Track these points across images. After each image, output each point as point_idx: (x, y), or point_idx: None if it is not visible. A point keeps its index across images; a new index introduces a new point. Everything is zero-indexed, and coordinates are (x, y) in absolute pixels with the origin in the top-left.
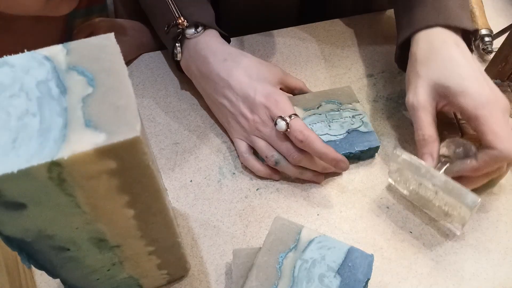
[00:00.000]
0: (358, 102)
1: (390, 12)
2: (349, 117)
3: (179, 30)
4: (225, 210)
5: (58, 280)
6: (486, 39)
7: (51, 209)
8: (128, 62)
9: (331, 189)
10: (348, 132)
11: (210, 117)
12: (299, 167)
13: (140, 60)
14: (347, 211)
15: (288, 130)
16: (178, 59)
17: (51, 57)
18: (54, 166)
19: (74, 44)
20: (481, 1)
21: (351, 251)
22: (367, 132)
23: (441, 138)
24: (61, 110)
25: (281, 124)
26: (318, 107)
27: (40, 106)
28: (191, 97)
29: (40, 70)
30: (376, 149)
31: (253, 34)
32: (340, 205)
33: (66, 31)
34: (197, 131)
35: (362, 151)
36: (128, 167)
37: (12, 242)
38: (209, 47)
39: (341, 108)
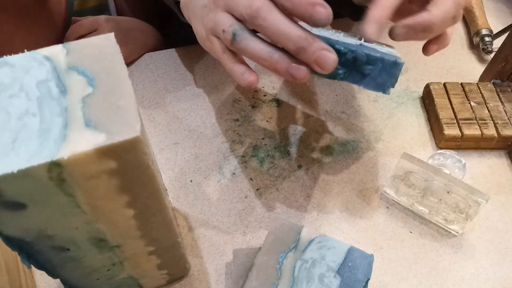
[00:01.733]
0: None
1: None
2: (373, 45)
3: None
4: (225, 210)
5: (58, 280)
6: (486, 39)
7: (51, 209)
8: (130, 62)
9: (331, 189)
10: (361, 45)
11: (210, 117)
12: (267, 44)
13: (140, 60)
14: (347, 211)
15: None
16: None
17: (51, 57)
18: (54, 166)
19: (74, 44)
20: (481, 1)
21: (351, 251)
22: (387, 53)
23: None
24: (61, 110)
25: None
26: (334, 31)
27: (40, 106)
28: (191, 97)
29: (40, 70)
30: (392, 69)
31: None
32: (340, 205)
33: (67, 16)
34: (197, 131)
35: (368, 58)
36: (128, 167)
37: (12, 242)
38: None
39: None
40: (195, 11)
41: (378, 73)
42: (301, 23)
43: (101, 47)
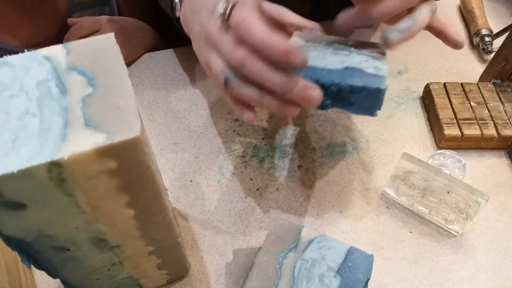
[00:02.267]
0: (385, 55)
1: None
2: (360, 60)
3: None
4: (225, 210)
5: (58, 280)
6: (486, 39)
7: (51, 209)
8: (130, 62)
9: (331, 189)
10: (347, 68)
11: (210, 117)
12: (257, 87)
13: (140, 60)
14: (347, 211)
15: (228, 13)
16: (177, 15)
17: (51, 57)
18: (54, 166)
19: (74, 44)
20: (481, 1)
21: (351, 251)
22: (373, 73)
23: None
24: (61, 110)
25: (220, 6)
26: (325, 45)
27: (40, 106)
28: (191, 97)
29: (40, 70)
30: (375, 94)
31: None
32: (340, 205)
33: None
34: (197, 131)
35: (352, 88)
36: (128, 167)
37: (12, 242)
38: None
39: (356, 52)
40: (193, 32)
41: (363, 100)
42: (294, 38)
43: (101, 47)
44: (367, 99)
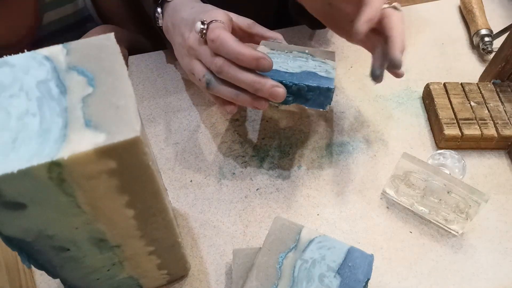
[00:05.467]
0: (334, 61)
1: None
2: (315, 65)
3: None
4: (225, 210)
5: (58, 280)
6: (486, 39)
7: (51, 209)
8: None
9: (331, 189)
10: (304, 72)
11: (210, 117)
12: (233, 87)
13: (140, 60)
14: (347, 211)
15: (204, 31)
16: (160, 24)
17: (51, 57)
18: (54, 166)
19: (74, 44)
20: (481, 1)
21: (351, 251)
22: (325, 76)
23: None
24: (61, 110)
25: (198, 25)
26: (286, 52)
27: (40, 106)
28: (191, 97)
29: (40, 70)
30: (326, 93)
31: None
32: (340, 205)
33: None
34: (197, 131)
35: (308, 87)
36: (128, 167)
37: (12, 242)
38: (183, 3)
39: (311, 59)
40: (175, 43)
41: (317, 97)
42: (261, 47)
43: (101, 47)
44: (320, 96)
